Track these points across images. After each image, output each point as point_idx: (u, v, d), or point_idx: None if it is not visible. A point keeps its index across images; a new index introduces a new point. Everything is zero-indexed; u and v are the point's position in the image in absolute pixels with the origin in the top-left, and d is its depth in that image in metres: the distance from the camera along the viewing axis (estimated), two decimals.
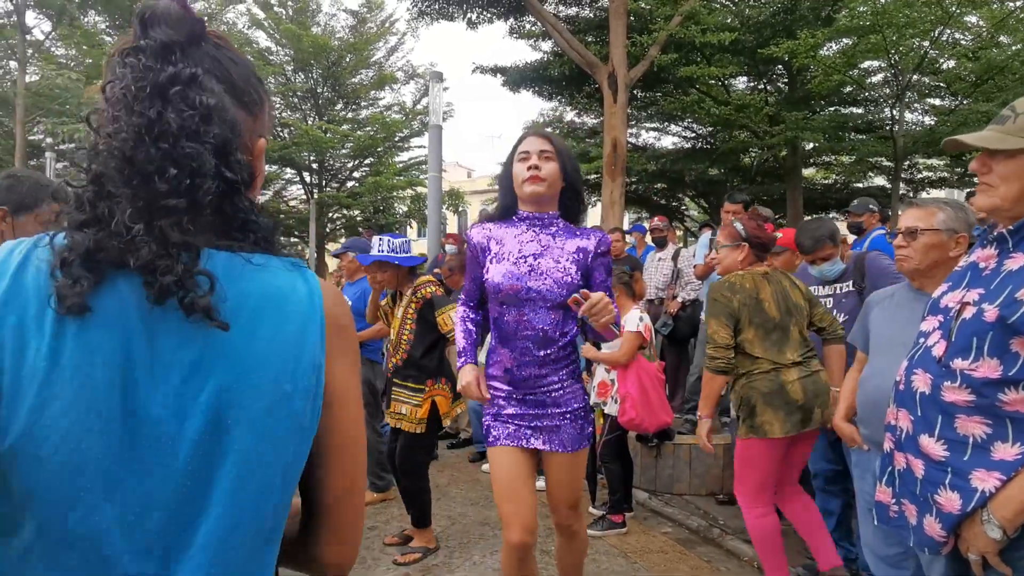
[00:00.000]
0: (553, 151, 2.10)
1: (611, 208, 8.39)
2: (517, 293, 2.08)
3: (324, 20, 17.35)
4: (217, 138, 0.70)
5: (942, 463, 1.46)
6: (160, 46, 0.69)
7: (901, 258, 2.11)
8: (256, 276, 0.72)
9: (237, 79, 0.76)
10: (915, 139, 10.80)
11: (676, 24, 8.72)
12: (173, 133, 0.67)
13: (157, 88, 0.68)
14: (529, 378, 2.12)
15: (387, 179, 16.00)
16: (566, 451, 2.15)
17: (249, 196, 0.76)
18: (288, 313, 0.71)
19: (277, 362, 0.70)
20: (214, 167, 0.69)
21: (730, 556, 3.50)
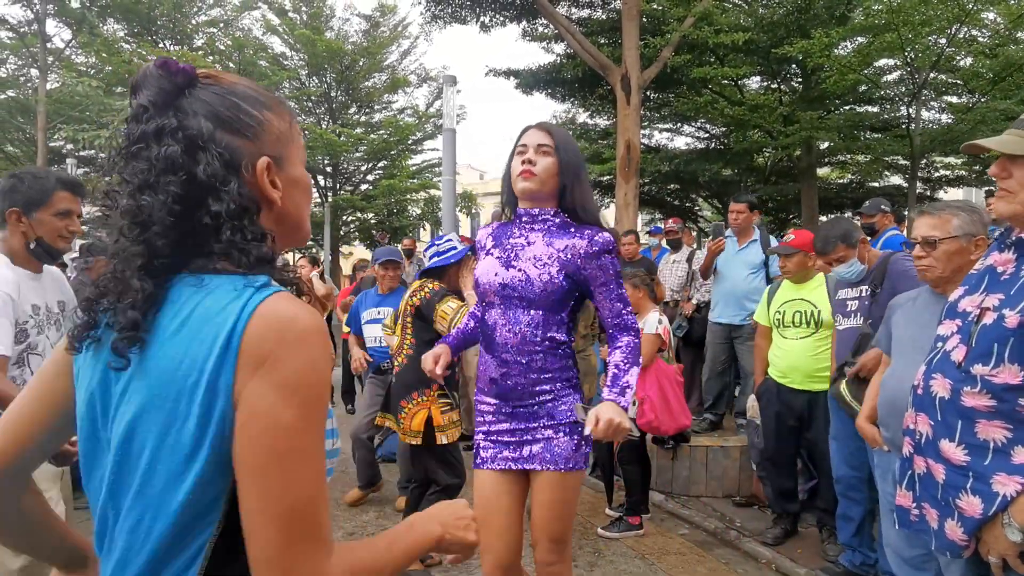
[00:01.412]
0: (552, 145, 1.93)
1: (625, 210, 8.39)
2: (494, 290, 1.96)
3: (338, 25, 17.51)
4: (191, 181, 0.78)
5: (963, 467, 1.47)
6: (138, 109, 0.80)
7: (923, 268, 2.11)
8: (194, 298, 0.77)
9: (224, 110, 0.82)
10: (932, 137, 10.68)
11: (689, 25, 8.70)
12: (135, 189, 0.78)
13: (127, 150, 0.80)
14: (516, 388, 1.94)
15: (400, 182, 16.10)
16: (557, 469, 1.92)
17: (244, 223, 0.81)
18: (201, 335, 0.74)
19: (179, 381, 0.73)
20: (178, 211, 0.78)
21: (747, 558, 3.50)
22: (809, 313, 3.42)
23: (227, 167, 0.80)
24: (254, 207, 0.82)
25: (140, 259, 0.77)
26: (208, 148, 0.79)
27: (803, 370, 3.40)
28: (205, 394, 0.72)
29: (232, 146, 0.81)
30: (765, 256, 4.60)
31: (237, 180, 0.80)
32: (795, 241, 3.47)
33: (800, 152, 11.77)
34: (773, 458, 3.61)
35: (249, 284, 0.78)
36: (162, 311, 0.77)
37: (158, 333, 0.76)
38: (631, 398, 1.89)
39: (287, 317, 0.75)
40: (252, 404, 0.72)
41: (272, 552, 0.72)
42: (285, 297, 0.78)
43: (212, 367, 0.72)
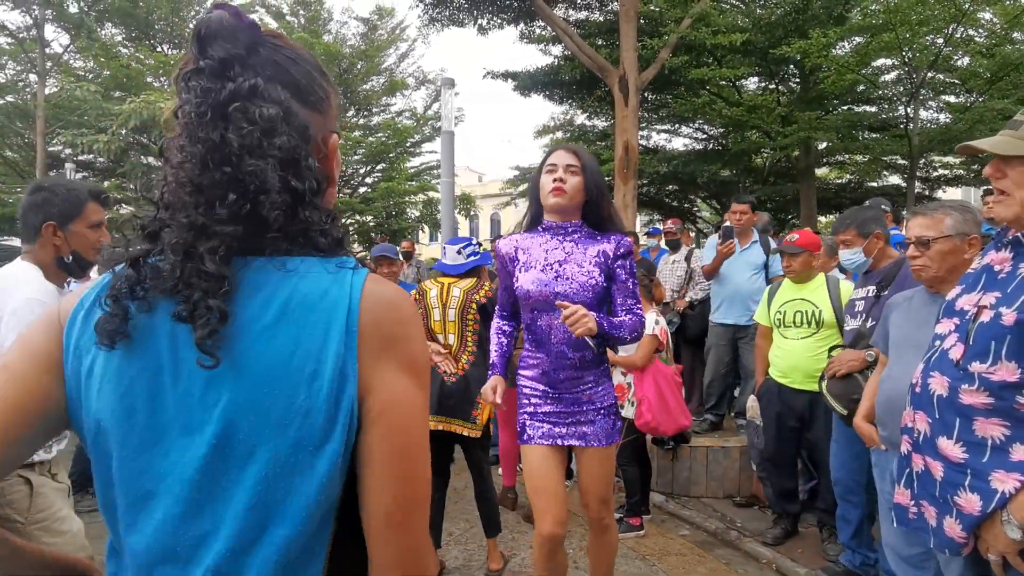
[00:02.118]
0: (579, 165, 2.20)
1: (623, 211, 8.39)
2: (546, 299, 2.19)
3: (335, 28, 17.52)
4: (283, 149, 0.70)
5: (961, 465, 1.47)
6: (218, 63, 0.69)
7: (917, 268, 2.13)
8: (284, 284, 0.69)
9: (301, 79, 0.75)
10: (930, 137, 10.70)
11: (686, 26, 8.71)
12: (235, 154, 0.68)
13: (218, 109, 0.69)
14: (566, 380, 2.25)
15: (399, 184, 16.08)
16: (600, 445, 2.26)
17: (319, 201, 0.74)
18: (310, 321, 0.67)
19: (293, 374, 0.66)
20: (279, 181, 0.69)
21: (748, 558, 3.50)
22: (810, 313, 3.42)
23: (304, 140, 0.73)
24: (325, 186, 0.75)
25: (225, 240, 0.67)
26: (288, 119, 0.71)
27: (804, 370, 3.40)
28: (332, 383, 0.66)
29: (306, 118, 0.74)
30: (766, 256, 4.61)
31: (311, 155, 0.73)
32: (801, 240, 3.46)
33: (798, 152, 11.79)
34: (773, 458, 3.61)
35: (342, 265, 0.72)
36: (241, 299, 0.68)
37: (247, 324, 0.67)
38: (606, 331, 2.13)
39: (394, 298, 0.72)
40: (388, 389, 0.68)
41: (408, 548, 0.68)
42: (378, 279, 0.74)
43: (335, 354, 0.67)
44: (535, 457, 2.27)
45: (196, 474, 0.67)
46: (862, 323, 2.94)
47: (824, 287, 3.45)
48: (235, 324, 0.67)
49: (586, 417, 2.26)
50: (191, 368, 0.67)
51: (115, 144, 10.87)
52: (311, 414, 0.66)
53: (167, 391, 0.68)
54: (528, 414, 2.31)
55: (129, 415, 0.69)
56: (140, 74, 12.07)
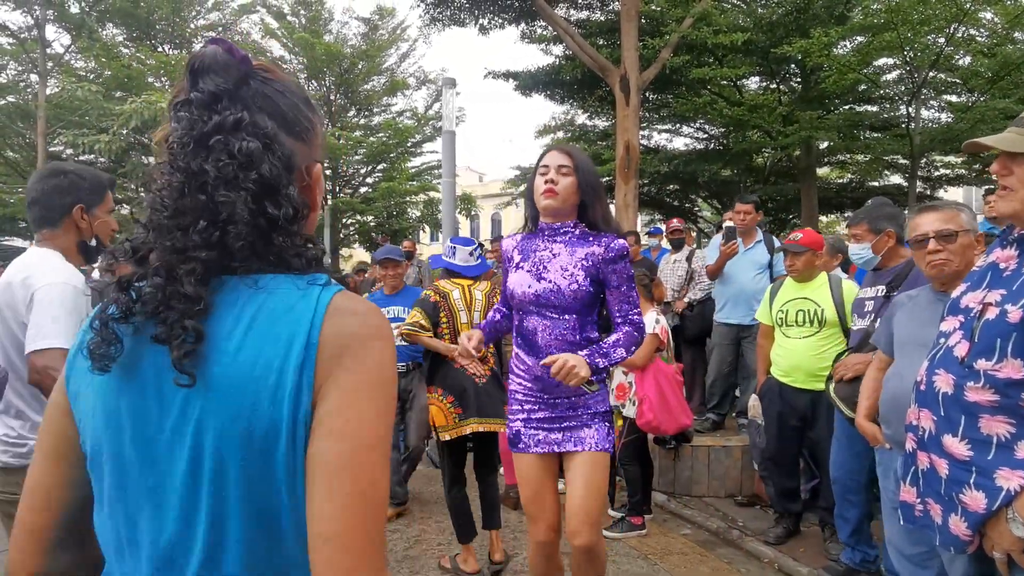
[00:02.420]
0: (572, 166, 2.15)
1: (624, 211, 8.40)
2: (529, 300, 2.17)
3: (336, 28, 17.53)
4: (260, 181, 0.73)
5: (966, 462, 1.47)
6: (208, 96, 0.73)
7: (939, 262, 2.04)
8: (253, 300, 0.72)
9: (287, 111, 0.78)
10: (932, 136, 10.69)
11: (688, 26, 8.71)
12: (211, 183, 0.72)
13: (201, 140, 0.72)
14: (560, 384, 2.13)
15: (400, 184, 16.09)
16: (595, 450, 2.19)
17: (296, 228, 0.77)
18: (273, 335, 0.70)
19: (258, 386, 0.68)
20: (252, 210, 0.73)
21: (750, 557, 3.50)
22: (812, 312, 3.41)
23: (286, 169, 0.76)
24: (305, 212, 0.79)
25: (202, 264, 0.71)
26: (273, 148, 0.75)
27: (806, 369, 3.40)
28: (292, 394, 0.68)
29: (291, 148, 0.78)
30: (770, 256, 4.60)
31: (294, 184, 0.77)
32: (804, 240, 3.45)
33: (799, 152, 11.78)
34: (775, 458, 3.61)
35: (312, 282, 0.75)
36: (216, 318, 0.71)
37: (217, 341, 0.70)
38: (604, 366, 2.10)
39: (360, 312, 0.74)
40: (331, 398, 0.69)
41: (352, 557, 0.65)
42: (350, 294, 0.76)
43: (295, 365, 0.68)
44: (529, 465, 2.25)
45: (181, 488, 0.70)
46: (871, 323, 2.91)
47: (827, 286, 3.44)
48: (209, 342, 0.70)
49: (581, 421, 2.21)
50: (171, 387, 0.70)
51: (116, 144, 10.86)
52: (274, 425, 0.68)
53: (152, 411, 0.72)
54: (522, 421, 2.27)
55: (119, 435, 0.72)
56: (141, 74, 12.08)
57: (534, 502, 2.24)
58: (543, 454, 2.23)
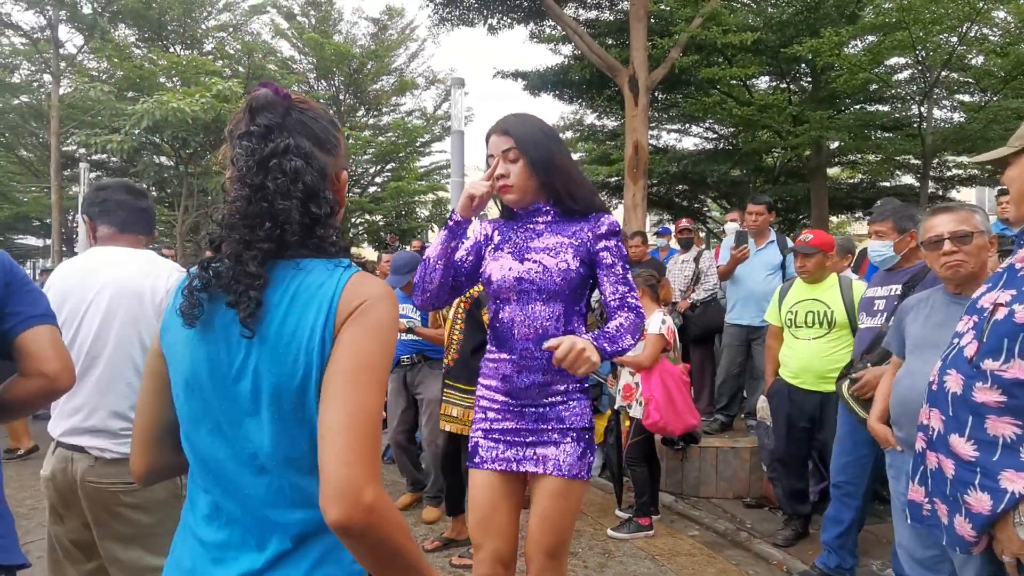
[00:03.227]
0: (514, 145, 1.83)
1: (633, 211, 8.38)
2: (510, 285, 1.87)
3: (346, 28, 17.59)
4: (307, 188, 0.99)
5: (972, 463, 1.47)
6: (264, 129, 0.99)
7: (955, 264, 2.03)
8: (298, 278, 0.97)
9: (320, 132, 1.04)
10: (944, 136, 10.59)
11: (697, 25, 8.67)
12: (271, 195, 0.97)
13: (262, 163, 0.98)
14: (531, 386, 1.87)
15: (409, 184, 16.13)
16: (560, 475, 1.84)
17: (331, 222, 1.03)
18: (311, 304, 0.94)
19: (296, 341, 0.93)
20: (301, 210, 0.98)
21: (758, 559, 3.49)
22: (822, 313, 3.39)
23: (322, 177, 1.02)
24: (337, 209, 1.05)
25: (262, 252, 0.96)
26: (312, 163, 1.00)
27: (815, 371, 3.38)
28: (319, 344, 0.92)
29: (323, 161, 1.03)
30: (783, 257, 4.58)
31: (329, 189, 1.03)
32: (815, 241, 3.43)
33: (810, 152, 11.70)
34: (784, 459, 3.59)
35: (338, 265, 0.99)
36: (271, 290, 0.96)
37: (270, 307, 0.95)
38: (610, 353, 1.79)
39: (369, 284, 0.97)
40: (343, 340, 0.92)
41: (342, 461, 0.85)
42: (364, 274, 0.99)
43: (321, 324, 0.93)
44: (481, 484, 1.92)
45: (246, 405, 0.96)
46: (883, 323, 2.88)
47: (837, 287, 3.42)
48: (264, 308, 0.95)
49: (549, 437, 1.86)
50: (237, 339, 0.96)
51: (128, 144, 10.93)
52: (308, 370, 0.93)
53: (223, 356, 0.97)
54: (482, 431, 1.95)
55: (200, 374, 0.99)
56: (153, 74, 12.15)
57: (480, 528, 1.91)
58: (499, 472, 1.90)
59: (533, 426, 1.88)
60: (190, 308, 0.98)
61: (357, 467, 0.85)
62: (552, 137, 1.90)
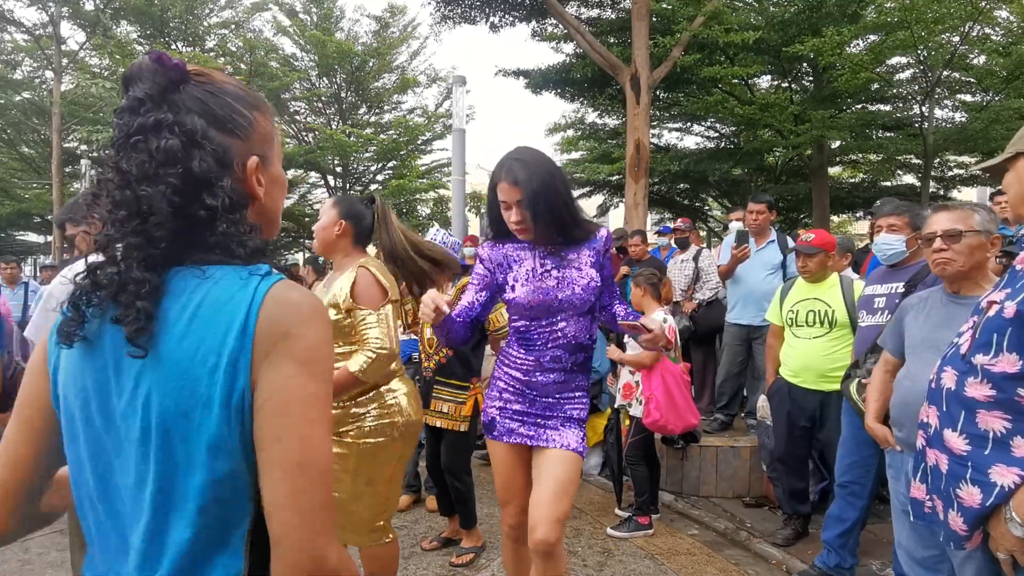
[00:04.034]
0: (525, 198, 2.01)
1: (634, 210, 8.37)
2: (549, 306, 2.13)
3: (348, 26, 17.57)
4: (184, 175, 0.80)
5: (963, 458, 1.49)
6: (134, 102, 0.81)
7: (943, 261, 2.07)
8: (202, 288, 0.80)
9: (218, 109, 0.85)
10: (945, 136, 10.60)
11: (699, 24, 8.67)
12: (133, 180, 0.80)
13: (124, 141, 0.81)
14: (550, 384, 2.18)
15: (410, 182, 16.11)
16: (566, 448, 2.16)
17: (237, 217, 0.84)
18: (216, 322, 0.77)
19: (197, 367, 0.76)
20: (176, 202, 0.80)
21: (758, 559, 3.49)
22: (823, 312, 3.39)
23: (220, 163, 0.83)
24: (244, 202, 0.86)
25: (140, 251, 0.79)
26: (203, 144, 0.82)
27: (816, 370, 3.38)
28: (225, 375, 0.75)
29: (224, 144, 0.85)
30: (783, 256, 4.58)
31: (229, 176, 0.84)
32: (817, 240, 3.42)
33: (811, 151, 11.70)
34: (784, 459, 3.59)
35: (254, 272, 0.82)
36: (167, 302, 0.80)
37: (167, 324, 0.78)
38: None
39: (296, 300, 0.80)
40: (271, 379, 0.76)
41: (294, 526, 0.73)
42: (289, 283, 0.83)
43: (231, 350, 0.76)
44: (503, 454, 2.26)
45: (136, 442, 0.78)
46: (885, 320, 2.88)
47: (838, 287, 3.42)
48: (160, 323, 0.79)
49: (554, 424, 2.20)
50: (128, 362, 0.79)
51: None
52: (210, 403, 0.76)
53: (112, 383, 0.81)
54: (497, 409, 2.26)
55: (87, 403, 0.82)
56: None
57: (506, 488, 2.28)
58: (515, 444, 2.24)
59: (541, 412, 2.21)
60: (70, 325, 0.81)
61: (315, 533, 0.74)
62: (556, 176, 2.07)
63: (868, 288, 3.09)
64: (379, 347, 2.16)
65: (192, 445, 0.76)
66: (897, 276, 2.96)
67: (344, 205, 2.40)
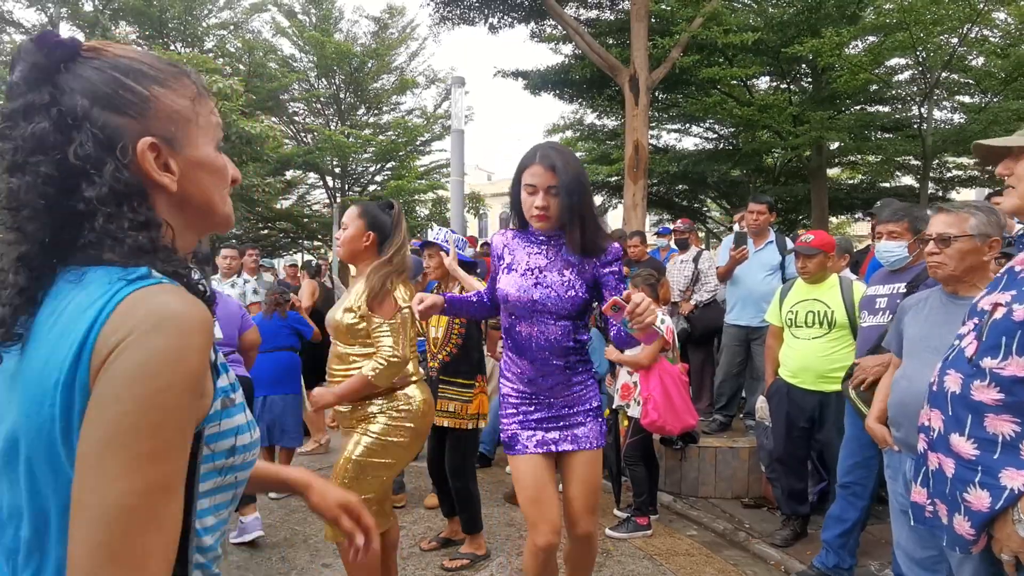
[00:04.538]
0: (558, 185, 2.02)
1: (633, 211, 8.38)
2: (524, 305, 2.14)
3: (347, 27, 17.58)
4: (61, 163, 0.71)
5: (972, 462, 1.48)
6: (11, 86, 0.74)
7: (934, 265, 2.10)
8: (70, 295, 0.71)
9: (104, 86, 0.74)
10: (944, 137, 10.61)
11: (698, 25, 8.68)
12: (3, 171, 0.72)
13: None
14: (556, 385, 2.20)
15: (409, 183, 16.12)
16: (592, 448, 2.22)
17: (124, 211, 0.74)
18: (68, 334, 0.68)
19: (45, 382, 0.67)
20: (49, 194, 0.71)
21: (757, 560, 3.49)
22: (822, 313, 3.39)
23: (103, 148, 0.73)
24: (136, 192, 0.74)
25: (14, 248, 0.72)
26: (82, 127, 0.72)
27: (815, 371, 3.38)
28: (63, 394, 0.66)
29: (111, 125, 0.74)
30: (782, 257, 4.58)
31: (115, 162, 0.73)
32: (816, 241, 3.42)
33: (810, 152, 11.72)
34: (782, 459, 3.59)
35: (124, 276, 0.71)
36: (45, 308, 0.72)
37: (36, 332, 0.71)
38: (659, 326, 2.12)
39: (148, 308, 0.68)
40: (94, 396, 0.65)
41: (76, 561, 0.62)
42: (161, 289, 0.70)
43: (68, 366, 0.66)
44: (528, 467, 2.20)
45: (6, 478, 0.72)
46: (887, 320, 2.86)
47: (837, 288, 3.42)
48: (31, 333, 0.71)
49: (576, 420, 2.22)
50: (5, 375, 0.73)
51: None
52: (53, 422, 0.67)
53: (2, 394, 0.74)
54: (518, 423, 2.25)
55: None
56: None
57: (535, 505, 2.18)
58: (543, 454, 2.21)
59: (563, 412, 2.22)
60: None
61: None
62: (586, 181, 2.13)
63: (870, 288, 3.09)
64: (391, 355, 2.31)
65: (46, 467, 0.67)
66: (900, 277, 2.96)
67: (370, 216, 2.51)
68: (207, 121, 0.84)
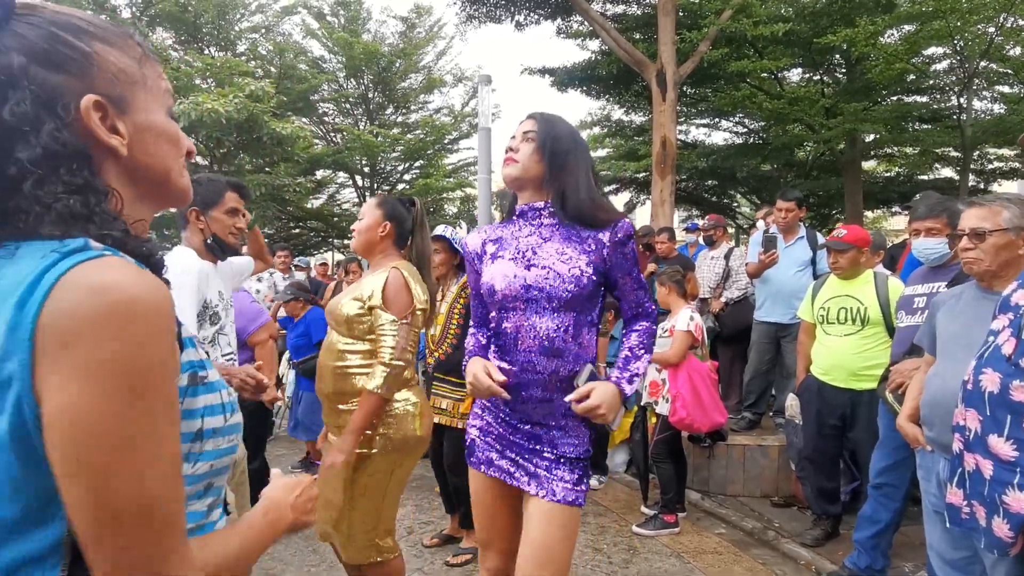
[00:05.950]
0: (535, 129, 1.78)
1: (661, 207, 8.31)
2: (514, 293, 1.75)
3: (375, 27, 17.77)
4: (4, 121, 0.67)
5: (1011, 463, 1.44)
6: None
7: (969, 260, 2.05)
8: (3, 271, 0.66)
9: (40, 41, 0.70)
10: (984, 128, 10.28)
11: (726, 18, 8.55)
12: None
13: None
14: (530, 400, 1.75)
15: (437, 181, 16.24)
16: (550, 499, 1.71)
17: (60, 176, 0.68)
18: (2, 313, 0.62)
19: None
20: None
21: (786, 559, 3.45)
22: (855, 310, 3.33)
23: (42, 106, 0.68)
24: (77, 154, 0.70)
25: None
26: (19, 84, 0.67)
27: (847, 368, 3.32)
28: (2, 381, 0.61)
29: (50, 82, 0.69)
30: (813, 253, 4.51)
31: (55, 121, 0.68)
32: (848, 236, 3.35)
33: (844, 145, 11.46)
34: (812, 458, 3.54)
35: (58, 249, 0.65)
36: None
37: None
38: (636, 387, 1.77)
39: (100, 286, 0.62)
40: (54, 398, 0.60)
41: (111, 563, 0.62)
42: (106, 263, 0.64)
43: (4, 348, 0.60)
44: (480, 486, 1.88)
45: None
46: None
47: (871, 284, 3.35)
48: None
49: (539, 461, 1.76)
50: None
51: None
52: None
53: None
54: (479, 429, 1.90)
55: None
56: (189, 76, 12.45)
57: (484, 527, 1.90)
58: (495, 479, 1.84)
59: (526, 444, 1.79)
60: None
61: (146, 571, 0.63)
62: (579, 143, 1.83)
63: (908, 288, 3.02)
64: (391, 359, 2.12)
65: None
66: (939, 276, 2.87)
67: (388, 206, 2.40)
68: (156, 85, 0.79)
